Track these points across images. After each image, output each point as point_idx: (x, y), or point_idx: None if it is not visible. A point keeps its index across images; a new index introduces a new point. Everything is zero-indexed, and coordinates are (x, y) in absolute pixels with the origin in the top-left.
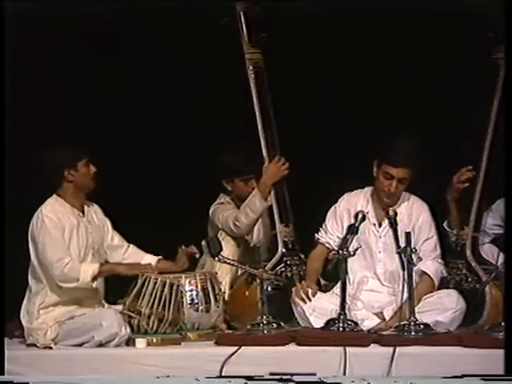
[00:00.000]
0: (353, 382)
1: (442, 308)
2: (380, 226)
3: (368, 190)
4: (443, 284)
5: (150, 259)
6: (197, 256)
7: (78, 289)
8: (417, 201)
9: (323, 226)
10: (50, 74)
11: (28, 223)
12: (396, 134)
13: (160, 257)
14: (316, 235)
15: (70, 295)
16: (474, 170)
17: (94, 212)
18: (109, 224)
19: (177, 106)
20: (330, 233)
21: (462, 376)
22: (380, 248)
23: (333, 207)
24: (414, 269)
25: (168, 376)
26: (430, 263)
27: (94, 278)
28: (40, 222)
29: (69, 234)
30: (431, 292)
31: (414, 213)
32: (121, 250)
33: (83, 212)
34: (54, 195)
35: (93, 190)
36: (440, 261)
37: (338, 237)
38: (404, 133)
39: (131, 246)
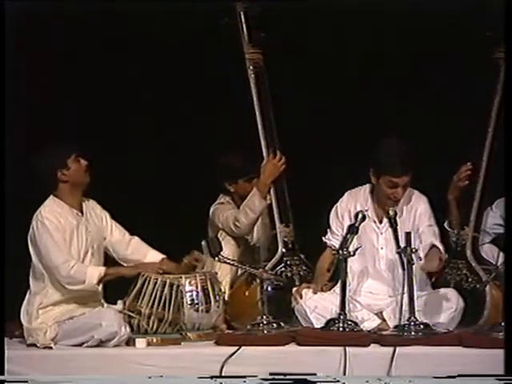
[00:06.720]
0: (353, 382)
1: (440, 308)
2: (381, 222)
3: (367, 187)
4: (443, 284)
5: (155, 256)
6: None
7: (81, 290)
8: (414, 193)
9: (329, 228)
10: (49, 73)
11: (28, 223)
12: (394, 137)
13: (164, 256)
14: (323, 238)
15: (71, 295)
16: (474, 169)
17: (92, 209)
18: (108, 217)
19: (176, 106)
20: (336, 233)
21: (457, 376)
22: (382, 244)
23: (334, 207)
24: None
25: (161, 376)
26: (436, 241)
27: (100, 281)
28: (40, 225)
29: (69, 236)
30: (439, 262)
31: (412, 204)
32: (123, 245)
33: (82, 211)
34: (52, 196)
35: (93, 189)
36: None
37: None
38: (402, 135)
39: (134, 238)
